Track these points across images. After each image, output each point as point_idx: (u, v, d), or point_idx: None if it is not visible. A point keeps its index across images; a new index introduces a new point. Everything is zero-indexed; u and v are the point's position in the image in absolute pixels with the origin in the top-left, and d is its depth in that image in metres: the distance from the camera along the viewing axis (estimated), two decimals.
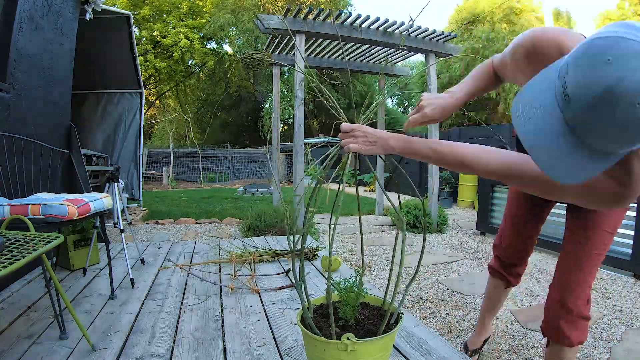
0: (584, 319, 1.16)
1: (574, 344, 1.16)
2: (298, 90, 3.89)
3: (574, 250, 1.17)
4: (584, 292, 1.14)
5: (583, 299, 1.15)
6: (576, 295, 1.14)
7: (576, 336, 1.15)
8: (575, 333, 1.15)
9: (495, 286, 1.55)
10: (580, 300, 1.14)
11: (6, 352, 1.23)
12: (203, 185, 12.60)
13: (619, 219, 1.15)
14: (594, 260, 1.14)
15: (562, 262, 1.20)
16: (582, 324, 1.16)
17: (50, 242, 1.10)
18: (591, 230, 1.15)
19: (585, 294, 1.15)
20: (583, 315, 1.15)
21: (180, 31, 13.92)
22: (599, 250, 1.14)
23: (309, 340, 0.83)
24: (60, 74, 2.74)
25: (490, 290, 1.59)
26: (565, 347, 1.17)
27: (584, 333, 1.17)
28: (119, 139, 5.37)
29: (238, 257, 2.34)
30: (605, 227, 1.14)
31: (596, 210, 1.14)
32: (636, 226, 2.84)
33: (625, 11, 16.36)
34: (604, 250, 1.15)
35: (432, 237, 4.43)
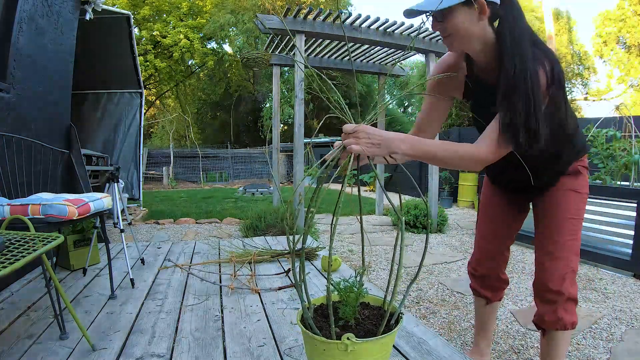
0: (572, 301, 1.21)
1: (567, 327, 1.21)
2: (298, 90, 3.90)
3: (545, 243, 1.25)
4: (567, 277, 1.19)
5: (567, 283, 1.19)
6: (558, 280, 1.19)
7: (568, 318, 1.21)
8: (566, 315, 1.20)
9: (478, 304, 1.57)
10: (564, 284, 1.19)
11: (6, 352, 1.23)
12: (203, 185, 12.60)
13: (579, 204, 1.23)
14: (567, 247, 1.20)
15: (537, 255, 1.28)
16: (570, 306, 1.21)
17: (50, 242, 1.10)
18: (555, 220, 1.23)
19: (567, 279, 1.19)
20: (570, 297, 1.20)
21: (180, 31, 13.92)
22: (569, 236, 1.20)
23: (309, 341, 0.83)
24: (60, 74, 2.74)
25: (475, 309, 1.61)
26: (559, 331, 1.22)
27: (574, 314, 1.22)
28: (119, 139, 5.37)
29: (238, 257, 2.34)
30: (568, 215, 1.21)
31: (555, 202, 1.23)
32: (636, 226, 2.84)
33: (625, 11, 16.35)
34: (575, 235, 1.21)
35: (432, 237, 4.43)
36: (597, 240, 3.22)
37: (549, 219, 1.25)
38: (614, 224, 3.08)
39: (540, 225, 1.28)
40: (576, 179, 1.24)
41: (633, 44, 16.56)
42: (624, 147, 3.35)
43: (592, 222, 3.25)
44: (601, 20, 17.22)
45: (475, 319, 1.61)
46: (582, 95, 19.79)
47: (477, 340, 1.61)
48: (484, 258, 1.47)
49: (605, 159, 3.44)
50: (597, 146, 3.51)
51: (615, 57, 17.89)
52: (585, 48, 19.84)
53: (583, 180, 1.25)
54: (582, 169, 1.24)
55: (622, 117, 3.70)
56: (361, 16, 4.06)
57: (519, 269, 3.10)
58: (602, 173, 3.42)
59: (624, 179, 3.40)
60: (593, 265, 3.17)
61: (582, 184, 1.25)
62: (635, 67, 16.92)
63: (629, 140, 3.35)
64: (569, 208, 1.22)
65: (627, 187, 3.12)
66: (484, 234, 1.47)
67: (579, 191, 1.23)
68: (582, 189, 1.24)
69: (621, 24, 16.45)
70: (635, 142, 3.26)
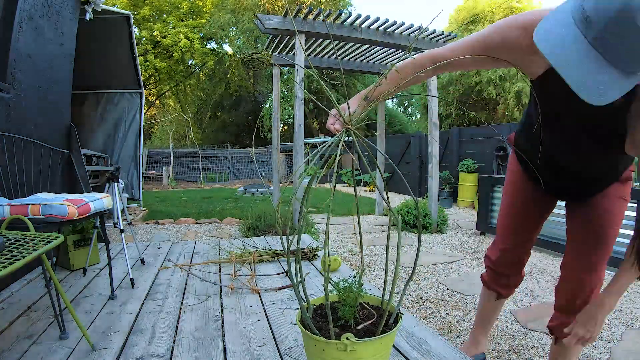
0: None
1: (585, 344, 1.16)
2: (298, 90, 3.90)
3: (586, 253, 1.16)
4: (597, 290, 1.15)
5: (595, 296, 1.16)
6: (588, 295, 1.15)
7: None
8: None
9: (486, 296, 1.52)
10: (591, 300, 1.15)
11: (6, 352, 1.23)
12: (203, 185, 12.61)
13: (623, 215, 1.17)
14: (604, 258, 1.16)
15: (573, 262, 1.18)
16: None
17: (50, 242, 1.10)
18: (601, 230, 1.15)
19: (596, 293, 1.15)
20: None
21: (180, 31, 13.92)
22: (608, 248, 1.16)
23: (309, 341, 0.83)
24: (60, 74, 2.74)
25: (482, 299, 1.55)
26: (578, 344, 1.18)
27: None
28: (119, 139, 5.37)
29: (238, 257, 2.34)
30: (614, 226, 1.15)
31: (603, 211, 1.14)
32: (636, 226, 2.84)
33: None
34: (611, 247, 1.17)
35: (432, 237, 4.43)
36: None
37: (593, 227, 1.16)
38: None
39: (581, 233, 1.19)
40: (624, 186, 1.16)
41: None
42: None
43: None
44: None
45: (479, 311, 1.55)
46: None
47: (476, 332, 1.56)
48: (509, 257, 1.39)
49: None
50: None
51: None
52: None
53: (629, 187, 1.18)
54: (631, 174, 1.18)
55: None
56: (361, 16, 4.06)
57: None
58: None
59: None
60: None
61: (628, 191, 1.18)
62: None
63: None
64: (616, 217, 1.15)
65: None
66: (511, 233, 1.37)
67: (625, 198, 1.17)
68: (628, 196, 1.18)
69: None
70: None
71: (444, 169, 7.45)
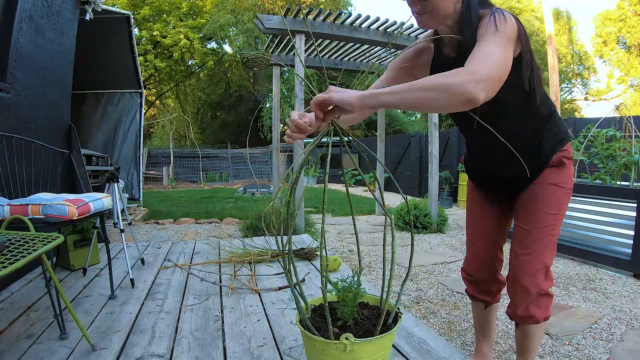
0: (545, 297, 1.20)
1: (539, 321, 1.20)
2: (298, 90, 3.90)
3: (520, 237, 1.21)
4: (539, 272, 1.17)
5: (540, 278, 1.17)
6: (530, 276, 1.17)
7: (540, 313, 1.20)
8: (539, 311, 1.19)
9: (476, 308, 1.54)
10: (536, 280, 1.17)
11: (6, 352, 1.23)
12: (203, 185, 12.61)
13: (562, 200, 1.19)
14: (544, 242, 1.17)
15: (512, 248, 1.24)
16: (543, 301, 1.20)
17: (50, 242, 1.10)
18: (534, 215, 1.19)
19: (540, 275, 1.17)
20: (542, 293, 1.18)
21: (180, 31, 13.93)
22: (546, 232, 1.17)
23: (308, 341, 0.83)
24: (60, 74, 2.74)
25: (473, 312, 1.58)
26: (531, 325, 1.22)
27: (548, 309, 1.21)
28: (119, 139, 5.37)
29: (238, 257, 2.34)
30: (548, 210, 1.17)
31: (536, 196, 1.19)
32: (636, 226, 2.84)
33: (625, 11, 16.35)
34: (552, 230, 1.18)
35: (432, 237, 4.43)
36: (597, 240, 3.22)
37: (526, 213, 1.21)
38: (614, 224, 3.08)
39: (518, 219, 1.24)
40: (559, 172, 1.18)
41: (633, 44, 16.56)
42: (624, 147, 3.35)
43: (592, 222, 3.25)
44: (601, 20, 17.23)
45: (475, 323, 1.57)
46: (582, 95, 19.79)
47: (478, 344, 1.57)
48: (478, 263, 1.43)
49: (605, 159, 3.44)
50: (597, 146, 3.51)
51: (615, 57, 17.90)
52: (585, 48, 19.86)
53: (566, 173, 1.19)
54: (566, 160, 1.18)
55: (622, 117, 3.70)
56: (361, 16, 4.06)
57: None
58: (602, 173, 3.42)
59: (624, 179, 3.40)
60: (593, 265, 3.17)
61: (565, 178, 1.19)
62: (635, 67, 16.91)
63: (629, 140, 3.34)
64: (549, 203, 1.17)
65: (627, 187, 3.12)
66: (474, 239, 1.43)
67: (561, 185, 1.18)
68: (565, 183, 1.19)
69: (621, 24, 16.44)
70: (635, 142, 3.26)
71: (444, 169, 7.44)
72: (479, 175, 1.38)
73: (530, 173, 1.17)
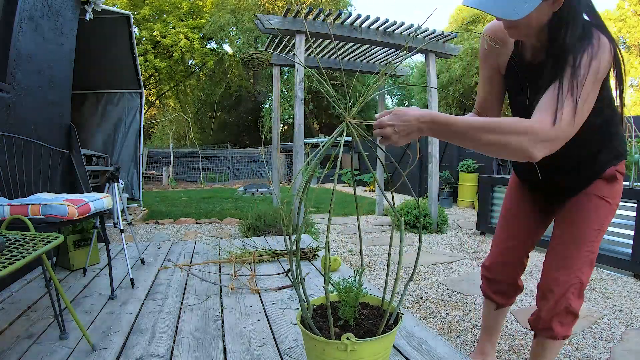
0: (571, 315, 1.15)
1: (557, 338, 1.17)
2: (298, 90, 3.89)
3: (560, 250, 1.17)
4: (573, 289, 1.13)
5: (570, 296, 1.13)
6: (563, 292, 1.13)
7: (561, 331, 1.16)
8: (560, 328, 1.16)
9: (487, 306, 1.50)
10: (567, 296, 1.13)
11: (6, 352, 1.23)
12: (203, 185, 12.61)
13: (607, 216, 1.14)
14: (583, 258, 1.13)
15: (549, 260, 1.20)
16: (568, 319, 1.16)
17: (50, 242, 1.10)
18: (577, 228, 1.14)
19: (573, 291, 1.13)
20: (570, 311, 1.14)
21: (180, 31, 13.92)
22: (587, 248, 1.12)
23: (309, 341, 0.83)
24: (60, 74, 2.74)
25: (483, 309, 1.54)
26: (548, 339, 1.19)
27: (569, 328, 1.17)
28: (119, 139, 5.37)
29: (238, 257, 2.34)
30: (592, 225, 1.12)
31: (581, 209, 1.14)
32: (636, 226, 2.84)
33: (625, 11, 16.36)
34: (594, 247, 1.13)
35: (432, 237, 4.43)
36: None
37: (570, 225, 1.15)
38: (614, 224, 3.08)
39: (559, 230, 1.19)
40: (609, 186, 1.13)
41: (633, 44, 16.56)
42: None
43: None
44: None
45: (483, 322, 1.55)
46: None
47: (482, 343, 1.55)
48: (501, 264, 1.38)
49: None
50: None
51: None
52: None
53: (616, 189, 1.14)
54: (619, 175, 1.13)
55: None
56: (361, 16, 4.06)
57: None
58: None
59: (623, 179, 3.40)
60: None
61: (614, 193, 1.14)
62: (635, 67, 16.91)
63: (629, 140, 3.34)
64: (594, 218, 1.12)
65: (627, 187, 3.12)
66: (504, 237, 1.37)
67: (608, 200, 1.13)
68: (613, 199, 1.14)
69: (621, 24, 16.44)
70: (635, 142, 3.26)
71: (444, 169, 7.44)
72: (527, 174, 1.30)
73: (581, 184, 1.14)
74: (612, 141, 1.12)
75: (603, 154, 1.12)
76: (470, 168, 7.04)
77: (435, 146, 4.77)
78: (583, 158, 1.11)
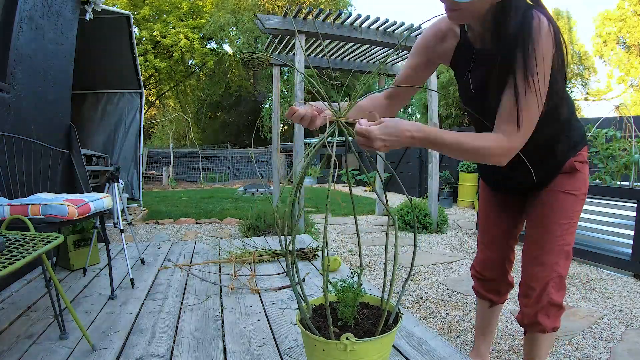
0: (555, 307, 1.17)
1: (547, 331, 1.19)
2: (298, 90, 3.90)
3: (532, 247, 1.20)
4: (552, 283, 1.15)
5: (550, 289, 1.15)
6: (543, 287, 1.16)
7: (549, 323, 1.18)
8: (547, 320, 1.18)
9: (480, 305, 1.53)
10: (548, 290, 1.15)
11: (6, 352, 1.23)
12: (203, 185, 12.61)
13: (574, 207, 1.15)
14: (556, 252, 1.15)
15: (524, 258, 1.23)
16: (554, 311, 1.18)
17: (50, 242, 1.10)
18: (545, 225, 1.17)
19: (553, 285, 1.15)
20: (553, 304, 1.16)
21: (180, 31, 13.93)
22: (559, 241, 1.14)
23: (308, 341, 0.83)
24: (60, 74, 2.74)
25: (477, 309, 1.57)
26: (539, 333, 1.21)
27: (557, 320, 1.19)
28: (119, 139, 5.37)
29: (238, 257, 2.34)
30: (559, 220, 1.15)
31: (547, 205, 1.16)
32: (636, 226, 2.84)
33: (625, 11, 16.35)
34: (565, 239, 1.14)
35: (432, 237, 4.43)
36: (597, 240, 3.22)
37: (538, 222, 1.18)
38: (614, 224, 3.08)
39: (529, 228, 1.22)
40: (572, 179, 1.14)
41: (633, 44, 16.55)
42: (624, 147, 3.35)
43: (592, 222, 3.25)
44: (601, 20, 17.22)
45: (477, 321, 1.57)
46: (582, 95, 19.77)
47: (477, 342, 1.57)
48: (488, 263, 1.42)
49: (605, 159, 3.45)
50: (597, 146, 3.51)
51: (615, 57, 17.89)
52: (585, 48, 19.84)
53: (579, 180, 1.15)
54: (579, 165, 1.14)
55: (622, 117, 3.70)
56: (361, 16, 4.06)
57: (518, 268, 3.10)
58: (602, 173, 3.42)
59: (624, 179, 3.40)
60: (593, 265, 3.17)
61: (579, 184, 1.15)
62: (635, 67, 16.91)
63: (629, 140, 3.35)
64: (561, 212, 1.14)
65: (627, 187, 3.12)
66: (486, 239, 1.42)
67: (573, 193, 1.14)
68: (578, 190, 1.15)
69: (621, 24, 16.44)
70: (635, 142, 3.26)
71: (444, 169, 7.44)
72: (492, 177, 1.35)
73: (541, 181, 1.15)
74: (566, 130, 1.13)
75: (559, 145, 1.12)
76: (470, 168, 7.04)
77: None
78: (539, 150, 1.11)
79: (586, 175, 1.18)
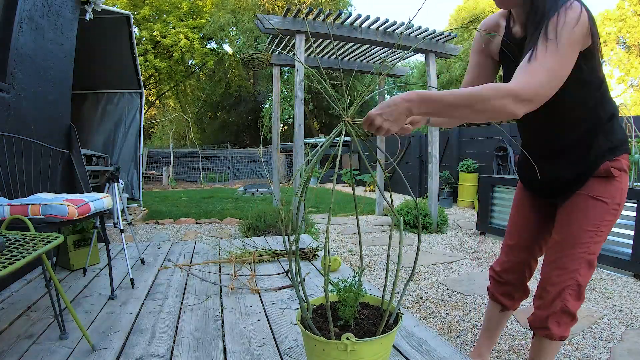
0: (568, 316, 1.15)
1: (554, 338, 1.17)
2: (298, 90, 3.89)
3: (554, 250, 1.17)
4: (570, 290, 1.12)
5: (566, 297, 1.13)
6: (558, 292, 1.13)
7: (558, 331, 1.16)
8: (557, 328, 1.16)
9: (491, 307, 1.51)
10: (564, 296, 1.13)
11: (6, 352, 1.23)
12: (203, 185, 12.60)
13: (603, 217, 1.11)
14: (578, 259, 1.11)
15: (546, 260, 1.21)
16: (565, 320, 1.15)
17: (50, 242, 1.10)
18: (570, 229, 1.14)
19: (570, 292, 1.12)
20: (566, 311, 1.14)
21: (180, 31, 13.92)
22: (582, 249, 1.11)
23: (309, 341, 0.83)
24: (60, 74, 2.74)
25: (487, 311, 1.55)
26: (546, 339, 1.19)
27: (566, 329, 1.17)
28: (119, 139, 5.37)
29: (238, 257, 2.34)
30: (585, 226, 1.11)
31: (575, 209, 1.14)
32: (636, 226, 2.84)
33: (625, 11, 16.35)
34: (589, 248, 1.11)
35: (432, 237, 4.43)
36: None
37: (564, 225, 1.15)
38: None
39: (555, 231, 1.19)
40: (605, 185, 1.09)
41: (633, 44, 16.55)
42: None
43: None
44: (601, 20, 17.20)
45: (484, 323, 1.55)
46: None
47: (479, 342, 1.56)
48: (510, 266, 1.40)
49: None
50: None
51: (615, 57, 17.88)
52: None
53: (614, 188, 1.10)
54: (616, 172, 1.08)
55: (622, 117, 3.70)
56: (361, 16, 4.06)
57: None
58: None
59: None
60: None
61: (612, 193, 1.10)
62: (635, 67, 16.91)
63: (629, 140, 3.34)
64: (587, 219, 1.10)
65: (627, 187, 3.12)
66: (512, 241, 1.39)
67: (604, 200, 1.09)
68: (611, 198, 1.09)
69: (621, 24, 16.44)
70: (635, 142, 3.26)
71: (444, 169, 7.44)
72: (527, 172, 1.31)
73: (573, 180, 1.12)
74: (606, 131, 1.10)
75: (596, 144, 1.09)
76: (470, 168, 7.04)
77: (435, 146, 4.77)
78: (574, 146, 1.10)
79: (623, 185, 1.12)
